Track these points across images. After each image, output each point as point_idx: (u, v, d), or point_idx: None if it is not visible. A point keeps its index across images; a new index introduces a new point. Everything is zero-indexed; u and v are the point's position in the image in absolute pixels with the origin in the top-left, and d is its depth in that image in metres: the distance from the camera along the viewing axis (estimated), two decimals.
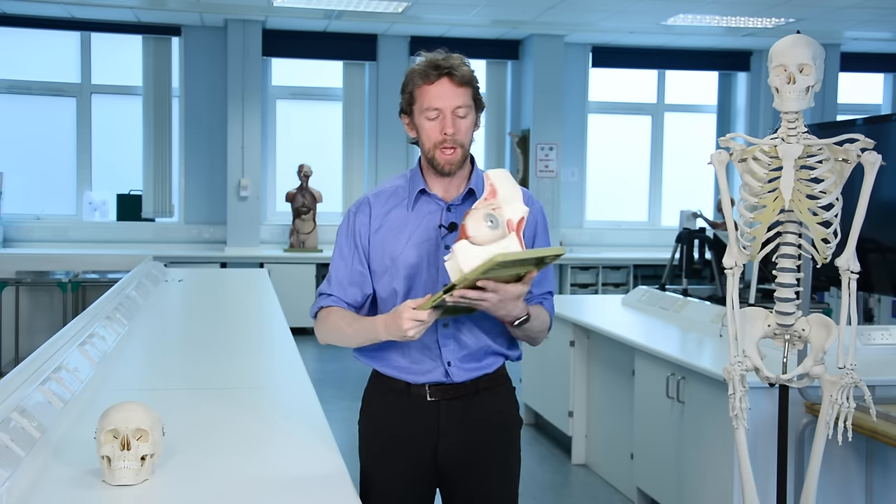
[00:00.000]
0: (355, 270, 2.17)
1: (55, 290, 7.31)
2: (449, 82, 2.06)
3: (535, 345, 2.26)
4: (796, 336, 2.46)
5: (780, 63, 2.35)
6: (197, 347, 3.63)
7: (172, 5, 8.60)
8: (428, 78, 2.06)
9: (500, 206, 1.94)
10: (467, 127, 2.10)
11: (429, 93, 2.06)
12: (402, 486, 2.18)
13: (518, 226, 1.93)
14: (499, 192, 1.96)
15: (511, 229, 1.92)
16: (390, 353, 2.16)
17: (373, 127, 9.74)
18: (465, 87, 2.07)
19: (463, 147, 2.10)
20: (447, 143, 2.07)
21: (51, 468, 1.94)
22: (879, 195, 2.67)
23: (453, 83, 2.06)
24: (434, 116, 2.07)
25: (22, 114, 9.25)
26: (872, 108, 10.78)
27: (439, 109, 2.06)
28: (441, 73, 2.05)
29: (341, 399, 5.83)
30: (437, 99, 2.06)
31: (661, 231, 10.04)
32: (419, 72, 2.07)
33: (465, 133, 2.09)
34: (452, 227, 2.11)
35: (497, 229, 1.91)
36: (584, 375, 4.83)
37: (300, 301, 8.65)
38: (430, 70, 2.06)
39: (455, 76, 2.06)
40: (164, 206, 9.35)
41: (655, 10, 8.36)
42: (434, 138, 2.08)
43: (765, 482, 2.93)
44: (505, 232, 1.92)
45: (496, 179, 1.97)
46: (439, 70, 2.05)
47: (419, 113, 2.09)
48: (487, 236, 1.90)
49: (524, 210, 1.96)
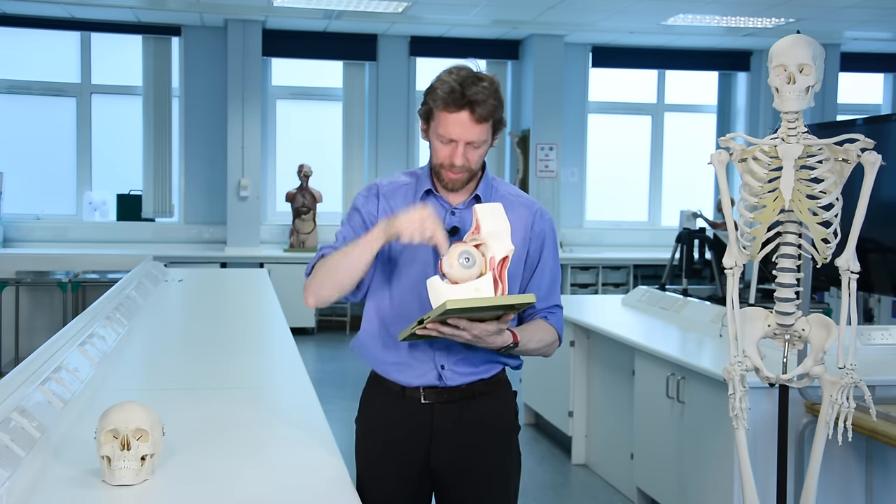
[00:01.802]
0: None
1: (55, 290, 7.31)
2: (469, 117, 1.98)
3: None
4: (796, 336, 2.45)
5: (780, 63, 2.35)
6: (197, 347, 3.63)
7: (172, 5, 8.60)
8: (448, 106, 1.99)
9: (485, 242, 1.88)
10: (479, 156, 2.06)
11: (447, 120, 2.00)
12: (396, 488, 2.17)
13: (501, 265, 1.86)
14: (482, 227, 1.88)
15: (491, 268, 1.85)
16: (385, 353, 2.15)
17: (373, 127, 9.74)
18: (485, 122, 2.01)
19: (471, 171, 2.07)
20: (455, 170, 2.05)
21: (51, 468, 1.93)
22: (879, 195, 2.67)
23: (473, 119, 1.99)
24: (447, 143, 2.03)
25: (22, 114, 9.25)
26: (872, 108, 10.78)
27: (454, 140, 2.02)
28: (462, 107, 1.98)
29: (341, 399, 5.83)
30: (454, 131, 2.00)
31: (661, 231, 10.04)
32: (442, 97, 1.99)
33: (475, 162, 2.06)
34: (454, 230, 2.09)
35: (472, 268, 1.85)
36: (584, 375, 4.83)
37: (300, 301, 8.49)
38: (453, 100, 1.98)
39: (476, 111, 1.98)
40: (164, 206, 9.35)
41: (655, 10, 8.36)
42: (443, 160, 2.05)
43: (765, 482, 2.93)
44: (481, 270, 1.86)
45: (482, 214, 1.90)
46: (461, 102, 1.97)
47: (434, 132, 2.05)
48: (460, 274, 1.85)
49: (509, 249, 1.89)
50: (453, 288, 1.84)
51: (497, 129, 2.07)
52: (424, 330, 1.89)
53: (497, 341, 1.98)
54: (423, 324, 1.87)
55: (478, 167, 2.09)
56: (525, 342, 2.06)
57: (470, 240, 1.90)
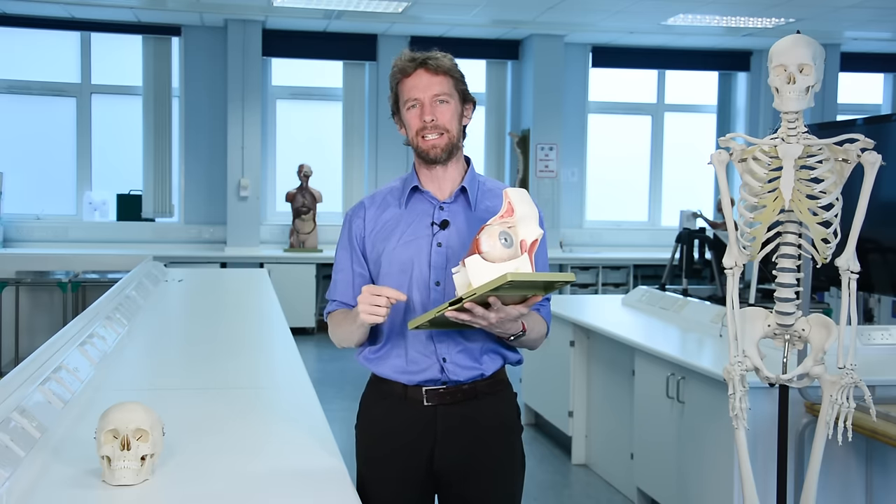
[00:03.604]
0: (356, 273, 2.18)
1: (55, 290, 7.31)
2: (425, 72, 2.09)
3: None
4: (796, 336, 2.45)
5: (780, 63, 2.35)
6: (197, 347, 3.63)
7: (172, 5, 8.60)
8: (405, 71, 2.10)
9: (516, 224, 1.92)
10: (450, 114, 2.10)
11: (406, 84, 2.10)
12: (398, 491, 2.16)
13: (531, 247, 1.91)
14: (516, 210, 1.93)
15: (524, 250, 1.90)
16: (388, 353, 2.15)
17: (373, 127, 9.74)
18: (443, 75, 2.09)
19: (448, 133, 2.10)
20: (427, 129, 2.09)
21: (51, 468, 1.94)
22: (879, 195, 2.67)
23: (429, 72, 2.09)
24: (413, 105, 2.10)
25: (22, 114, 9.26)
26: (872, 108, 10.78)
27: (417, 99, 2.09)
28: (417, 64, 2.09)
29: (341, 399, 5.83)
30: (415, 89, 2.09)
31: (661, 231, 10.04)
32: (398, 68, 2.12)
33: (448, 119, 2.10)
34: (444, 224, 2.12)
35: (510, 248, 1.89)
36: (584, 375, 4.83)
37: (300, 301, 8.69)
38: (407, 63, 2.10)
39: (430, 65, 2.08)
40: (164, 206, 9.35)
41: (655, 10, 8.36)
42: (415, 126, 2.11)
43: (765, 482, 2.93)
44: (517, 252, 1.90)
45: (514, 197, 1.95)
46: (415, 61, 2.10)
47: (402, 107, 2.13)
48: (500, 254, 1.88)
49: (539, 232, 1.93)
50: (497, 265, 1.86)
51: (463, 96, 2.14)
52: (457, 312, 1.87)
53: (511, 328, 2.00)
54: (462, 303, 1.86)
55: (454, 130, 2.12)
56: (529, 331, 2.08)
57: (501, 222, 1.92)
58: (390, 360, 2.15)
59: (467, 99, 2.16)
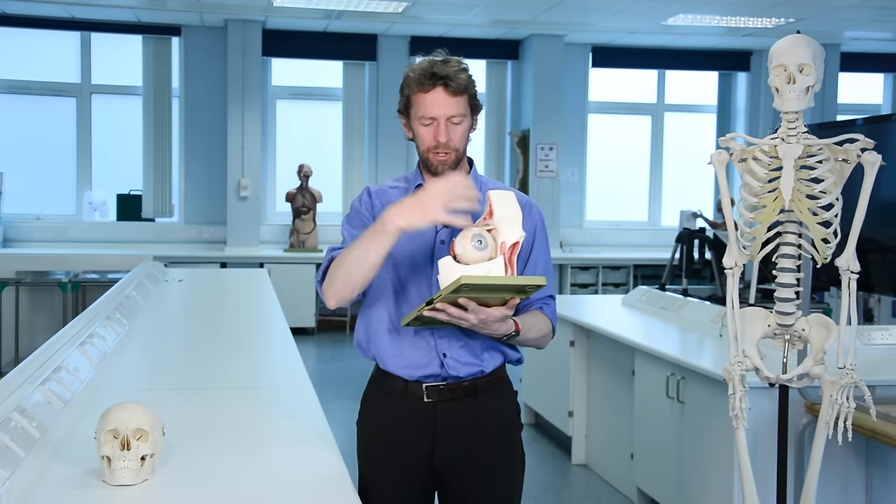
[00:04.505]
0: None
1: (55, 290, 7.30)
2: (444, 92, 2.05)
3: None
4: (796, 336, 2.45)
5: (780, 63, 2.35)
6: (197, 347, 3.63)
7: (172, 5, 8.60)
8: (423, 86, 2.06)
9: (496, 227, 1.93)
10: (461, 134, 2.10)
11: (424, 101, 2.07)
12: (398, 488, 2.17)
13: (512, 250, 1.91)
14: (495, 213, 1.94)
15: (502, 253, 1.90)
16: (388, 346, 2.15)
17: (373, 127, 9.74)
18: (461, 96, 2.07)
19: (457, 151, 2.11)
20: (440, 149, 2.09)
21: (51, 468, 1.93)
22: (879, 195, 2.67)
23: (448, 93, 2.05)
24: (428, 123, 2.08)
25: (22, 114, 9.26)
26: (872, 108, 10.78)
27: (434, 118, 2.07)
28: (436, 83, 2.05)
29: (341, 399, 5.83)
30: (432, 108, 2.06)
31: (661, 231, 10.04)
32: (415, 79, 2.07)
33: (458, 140, 2.10)
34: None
35: (484, 250, 1.90)
36: (584, 375, 4.83)
37: (300, 301, 8.69)
38: (426, 79, 2.05)
39: (450, 86, 2.05)
40: (164, 206, 9.35)
41: (655, 10, 8.36)
42: (428, 143, 2.10)
43: (765, 482, 2.93)
44: (492, 254, 1.90)
45: (495, 200, 1.96)
46: (434, 79, 2.05)
47: (415, 118, 2.11)
48: (472, 256, 1.89)
49: (520, 235, 1.93)
50: (465, 268, 1.88)
51: (474, 109, 2.12)
52: (433, 312, 1.90)
53: (501, 329, 2.00)
54: (433, 303, 1.89)
55: (462, 147, 2.12)
56: (525, 331, 2.08)
57: (482, 224, 1.94)
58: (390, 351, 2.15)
59: (476, 110, 2.14)
